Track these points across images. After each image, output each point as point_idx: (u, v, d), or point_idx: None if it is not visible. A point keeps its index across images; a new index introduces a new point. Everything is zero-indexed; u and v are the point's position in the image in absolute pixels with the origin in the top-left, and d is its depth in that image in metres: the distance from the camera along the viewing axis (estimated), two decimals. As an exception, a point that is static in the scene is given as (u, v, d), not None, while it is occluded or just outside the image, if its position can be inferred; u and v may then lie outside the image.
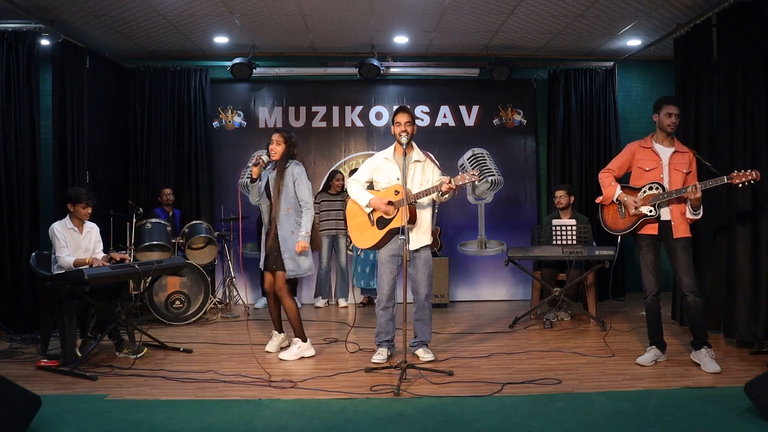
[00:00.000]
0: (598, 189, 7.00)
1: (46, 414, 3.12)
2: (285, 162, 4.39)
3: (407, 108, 4.23)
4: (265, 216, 4.49)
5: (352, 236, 4.38)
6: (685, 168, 4.05)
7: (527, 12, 5.77)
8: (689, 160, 4.07)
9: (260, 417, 3.20)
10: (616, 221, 4.24)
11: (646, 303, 4.16)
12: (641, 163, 4.13)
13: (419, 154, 4.26)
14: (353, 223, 4.34)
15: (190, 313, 5.74)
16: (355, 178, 4.33)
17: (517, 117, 7.28)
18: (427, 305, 4.30)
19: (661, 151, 4.09)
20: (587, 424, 3.07)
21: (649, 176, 4.09)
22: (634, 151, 4.19)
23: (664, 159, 4.07)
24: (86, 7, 5.47)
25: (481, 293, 7.16)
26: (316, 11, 5.76)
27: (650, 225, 4.06)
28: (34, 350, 4.60)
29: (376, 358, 4.23)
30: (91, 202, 4.59)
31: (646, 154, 4.12)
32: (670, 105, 4.07)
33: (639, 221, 4.07)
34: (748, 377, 3.33)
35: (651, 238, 4.09)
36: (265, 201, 4.46)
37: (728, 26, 4.81)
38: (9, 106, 5.21)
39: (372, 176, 4.32)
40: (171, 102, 6.87)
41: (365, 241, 4.27)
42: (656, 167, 4.07)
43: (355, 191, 4.28)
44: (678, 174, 4.03)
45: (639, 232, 4.12)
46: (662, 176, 4.05)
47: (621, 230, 4.21)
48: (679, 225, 4.01)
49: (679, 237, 4.01)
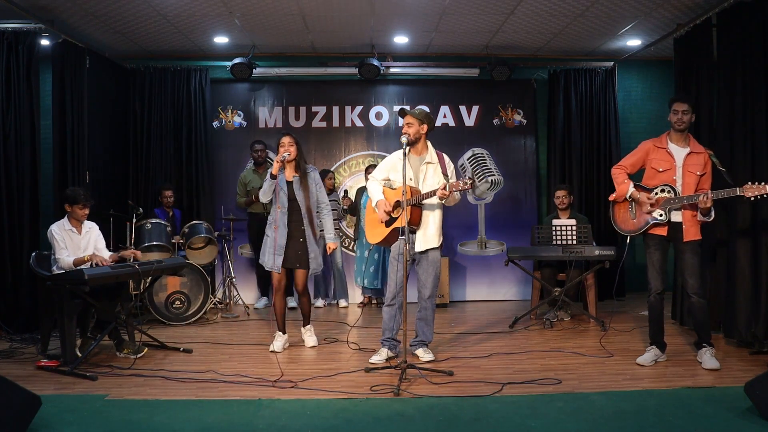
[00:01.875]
0: (597, 189, 7.11)
1: (46, 414, 3.12)
2: (304, 165, 4.64)
3: (407, 110, 4.24)
4: (283, 216, 4.52)
5: (366, 230, 4.50)
6: (699, 170, 3.99)
7: (527, 12, 5.77)
8: (704, 162, 4.01)
9: (260, 417, 3.20)
10: (627, 221, 4.22)
11: (650, 301, 4.16)
12: (654, 163, 4.09)
13: (432, 155, 4.28)
14: (368, 218, 4.47)
15: (190, 313, 5.74)
16: (374, 176, 4.43)
17: (517, 117, 7.28)
18: (430, 305, 4.31)
19: (676, 151, 4.05)
20: (587, 424, 3.07)
21: (661, 177, 4.05)
22: (648, 150, 4.15)
23: (678, 160, 4.03)
24: (86, 7, 5.47)
25: (481, 293, 7.15)
26: (316, 11, 5.76)
27: (660, 226, 4.05)
28: (34, 350, 4.60)
29: (375, 358, 4.24)
30: (89, 203, 4.57)
31: (660, 154, 4.09)
32: (676, 102, 4.05)
33: (648, 224, 4.06)
34: (748, 377, 3.33)
35: (659, 238, 4.08)
36: (281, 201, 4.52)
37: (728, 26, 4.81)
38: (9, 106, 5.21)
39: (388, 175, 4.37)
40: (171, 102, 6.86)
41: (374, 236, 4.39)
42: (669, 168, 4.03)
43: (371, 189, 4.41)
44: (692, 176, 3.98)
45: (648, 231, 4.10)
46: (675, 178, 4.02)
47: (630, 231, 4.19)
48: (689, 228, 3.99)
49: (689, 240, 3.99)
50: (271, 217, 4.60)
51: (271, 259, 4.54)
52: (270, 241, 4.56)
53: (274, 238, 4.53)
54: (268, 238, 4.59)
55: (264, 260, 4.61)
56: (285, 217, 4.52)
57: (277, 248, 4.52)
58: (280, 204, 4.53)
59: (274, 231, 4.54)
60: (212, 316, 6.06)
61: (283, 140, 4.59)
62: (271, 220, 4.60)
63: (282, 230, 4.51)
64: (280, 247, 4.51)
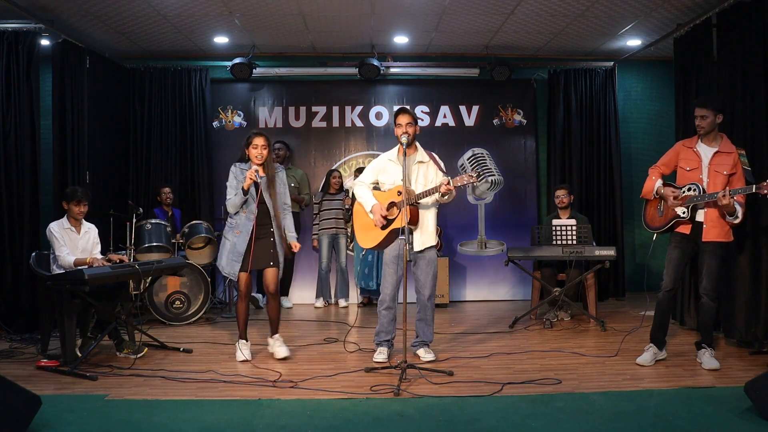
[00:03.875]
0: (597, 189, 7.11)
1: (46, 414, 3.12)
2: (272, 165, 4.39)
3: (408, 109, 4.23)
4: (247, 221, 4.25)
5: (357, 236, 4.39)
6: (727, 170, 3.96)
7: (527, 12, 5.77)
8: (734, 162, 3.98)
9: (260, 417, 3.20)
10: (654, 219, 4.24)
11: (658, 297, 4.16)
12: (683, 162, 4.11)
13: (423, 155, 4.27)
14: (359, 223, 4.36)
15: (190, 313, 5.74)
16: (361, 180, 4.35)
17: (517, 117, 7.28)
18: (430, 306, 4.30)
19: (703, 151, 4.04)
20: (587, 424, 3.07)
21: (689, 176, 4.05)
22: (678, 150, 4.17)
23: (704, 160, 4.02)
24: (86, 7, 5.47)
25: (481, 293, 7.15)
26: (316, 11, 5.76)
27: (684, 225, 4.05)
28: (34, 350, 4.60)
29: (378, 358, 4.24)
30: (85, 200, 4.57)
31: (688, 154, 4.09)
32: (695, 107, 4.04)
33: (673, 221, 4.06)
34: (748, 377, 3.34)
35: (681, 236, 4.08)
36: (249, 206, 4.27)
37: (728, 26, 4.81)
38: (9, 106, 5.21)
39: (377, 177, 4.34)
40: (171, 102, 6.86)
41: (369, 240, 4.29)
42: (696, 168, 4.03)
43: (361, 194, 4.31)
44: (719, 176, 3.96)
45: (674, 230, 4.11)
46: (701, 177, 4.01)
47: (656, 228, 4.20)
48: (710, 228, 3.97)
49: (708, 240, 3.97)
50: (233, 221, 4.31)
51: (229, 265, 4.29)
52: (229, 245, 4.29)
53: (234, 243, 4.27)
54: (227, 242, 4.31)
55: (221, 264, 4.34)
56: (249, 224, 4.24)
57: (235, 254, 4.24)
58: (246, 209, 4.27)
59: (235, 236, 4.27)
60: (212, 316, 6.06)
61: (256, 141, 4.28)
62: (233, 223, 4.31)
63: (243, 236, 4.24)
64: (238, 253, 4.23)
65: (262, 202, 4.31)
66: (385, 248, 4.27)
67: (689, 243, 4.08)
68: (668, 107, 6.78)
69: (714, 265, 3.99)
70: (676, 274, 4.09)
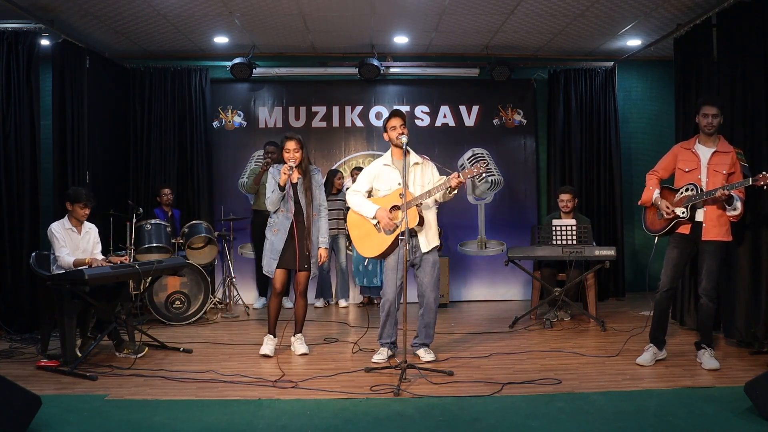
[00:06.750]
0: (597, 189, 7.11)
1: (46, 414, 3.12)
2: (308, 166, 4.50)
3: (400, 111, 4.23)
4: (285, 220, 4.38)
5: (357, 247, 4.30)
6: (726, 169, 3.97)
7: (527, 12, 5.77)
8: (732, 161, 3.99)
9: (260, 417, 3.20)
10: (654, 222, 4.25)
11: (656, 298, 4.17)
12: (681, 164, 4.12)
13: (416, 156, 4.27)
14: (356, 233, 4.29)
15: (190, 313, 5.74)
16: (356, 189, 4.30)
17: (517, 117, 7.28)
18: (434, 308, 4.26)
19: (702, 151, 4.05)
20: (587, 424, 3.07)
21: (688, 177, 4.06)
22: (677, 153, 4.18)
23: (703, 160, 4.03)
24: (86, 7, 5.47)
25: (481, 293, 7.15)
26: (316, 11, 5.76)
27: (684, 225, 4.06)
28: (34, 350, 4.60)
29: (377, 358, 4.24)
30: (90, 203, 4.58)
31: (687, 155, 4.11)
32: (705, 105, 4.02)
33: (673, 222, 4.07)
34: (748, 377, 3.34)
35: (681, 236, 4.08)
36: (285, 205, 4.38)
37: (728, 26, 4.81)
38: (9, 106, 5.21)
39: (372, 185, 4.29)
40: (171, 102, 6.86)
41: (372, 249, 4.21)
42: (695, 168, 4.04)
43: (358, 202, 4.25)
44: (717, 175, 3.97)
45: (675, 231, 4.12)
46: (700, 177, 4.02)
47: (657, 231, 4.21)
48: (710, 228, 3.98)
49: (708, 240, 3.98)
50: (272, 220, 4.46)
51: (268, 263, 4.42)
52: (269, 244, 4.44)
53: (272, 241, 4.41)
54: (267, 241, 4.46)
55: (263, 263, 4.48)
56: (288, 222, 4.38)
57: (273, 252, 4.39)
58: (284, 208, 4.40)
59: (273, 234, 4.42)
60: (212, 316, 6.06)
61: (288, 145, 4.39)
62: (271, 222, 4.46)
63: (281, 234, 4.38)
64: (276, 251, 4.37)
65: (297, 202, 4.42)
66: (390, 254, 4.19)
67: (689, 243, 4.09)
68: (668, 107, 6.77)
69: (714, 266, 3.99)
70: (674, 274, 4.10)
